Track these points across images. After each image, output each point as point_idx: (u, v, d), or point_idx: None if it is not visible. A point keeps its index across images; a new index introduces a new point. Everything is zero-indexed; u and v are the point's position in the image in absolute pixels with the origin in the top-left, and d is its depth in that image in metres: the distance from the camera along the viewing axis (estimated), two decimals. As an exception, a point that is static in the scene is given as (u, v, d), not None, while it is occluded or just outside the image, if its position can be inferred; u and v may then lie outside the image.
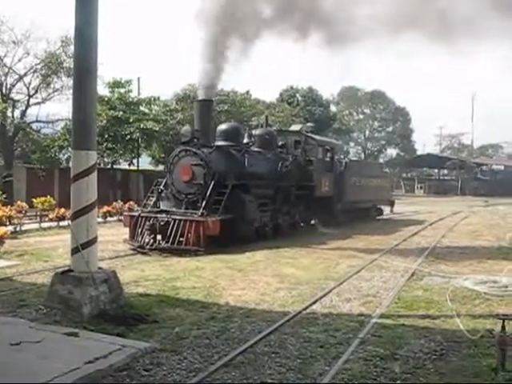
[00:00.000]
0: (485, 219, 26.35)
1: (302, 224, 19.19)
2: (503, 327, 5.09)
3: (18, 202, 20.01)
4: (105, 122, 28.40)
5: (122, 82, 31.97)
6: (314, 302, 8.02)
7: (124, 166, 35.56)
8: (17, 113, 29.39)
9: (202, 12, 14.53)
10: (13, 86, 28.76)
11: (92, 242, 7.31)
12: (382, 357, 5.66)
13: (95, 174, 7.43)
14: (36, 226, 18.04)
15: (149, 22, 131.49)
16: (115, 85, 31.71)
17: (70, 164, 7.89)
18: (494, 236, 17.79)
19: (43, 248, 13.17)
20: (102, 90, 30.51)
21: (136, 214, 14.50)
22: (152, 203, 15.13)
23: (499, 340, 5.05)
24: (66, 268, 7.60)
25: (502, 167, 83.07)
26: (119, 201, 23.15)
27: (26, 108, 29.41)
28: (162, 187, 15.23)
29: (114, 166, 33.04)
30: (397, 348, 5.95)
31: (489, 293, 8.68)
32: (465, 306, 7.92)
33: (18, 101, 29.27)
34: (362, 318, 7.18)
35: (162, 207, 14.60)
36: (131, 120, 29.47)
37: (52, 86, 29.28)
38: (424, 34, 16.71)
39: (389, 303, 8.05)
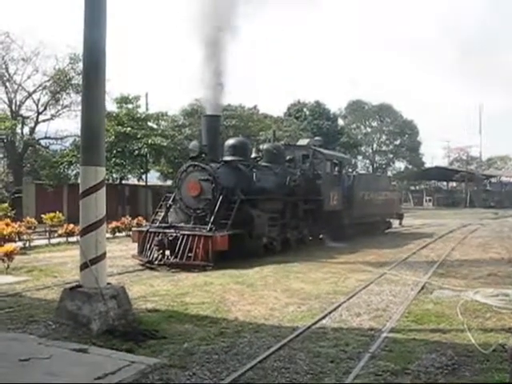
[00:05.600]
0: (495, 232, 26.19)
1: (310, 238, 19.12)
2: (515, 341, 5.03)
3: (27, 218, 20.16)
4: (113, 137, 28.60)
5: (130, 97, 32.21)
6: (324, 317, 7.96)
7: (132, 181, 35.69)
8: (26, 129, 29.80)
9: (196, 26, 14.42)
10: (22, 102, 29.15)
11: (101, 257, 7.31)
12: (393, 372, 5.60)
13: (104, 189, 7.46)
14: (45, 241, 18.09)
15: (156, 37, 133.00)
16: (123, 100, 31.93)
17: (79, 180, 7.92)
18: (504, 249, 17.66)
19: (52, 264, 13.19)
20: (110, 106, 30.79)
21: (144, 229, 14.51)
22: (160, 218, 15.15)
23: (512, 354, 4.98)
24: (75, 284, 7.61)
25: (511, 179, 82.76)
26: (128, 216, 23.18)
27: (35, 125, 29.77)
28: (170, 202, 15.26)
29: (123, 182, 33.15)
30: (408, 363, 5.89)
31: (500, 306, 8.59)
32: (476, 320, 7.84)
33: (27, 117, 29.65)
34: (372, 333, 7.12)
35: (170, 222, 14.61)
36: (139, 136, 29.62)
37: (61, 102, 29.68)
38: None
39: (399, 317, 7.98)
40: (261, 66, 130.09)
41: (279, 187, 16.95)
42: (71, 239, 17.96)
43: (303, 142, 21.97)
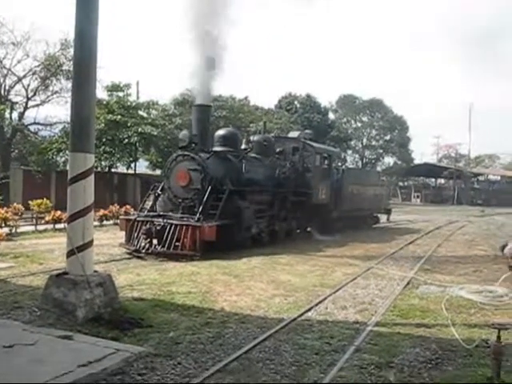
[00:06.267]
0: (481, 229, 26.38)
1: (298, 231, 19.16)
2: (498, 337, 5.08)
3: (14, 204, 19.98)
4: (103, 125, 28.39)
5: (121, 85, 31.95)
6: (310, 309, 8.00)
7: (121, 169, 35.51)
8: (15, 114, 29.47)
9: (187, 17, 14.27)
10: (11, 87, 28.83)
11: (88, 245, 7.28)
12: (377, 365, 5.64)
13: (92, 177, 7.42)
14: (32, 228, 17.98)
15: (148, 26, 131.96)
16: (114, 88, 31.67)
17: (68, 167, 7.86)
18: (489, 246, 17.79)
19: (39, 250, 13.12)
20: (101, 94, 30.49)
21: (132, 217, 14.47)
22: (148, 207, 15.11)
23: (494, 350, 5.04)
24: (61, 271, 7.57)
25: (499, 177, 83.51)
26: (116, 204, 23.08)
27: (25, 110, 29.47)
28: (158, 191, 15.22)
29: (112, 170, 32.98)
30: (392, 356, 5.93)
31: (484, 302, 8.69)
32: (460, 315, 7.92)
33: (17, 103, 29.34)
34: (358, 326, 7.17)
35: (158, 211, 14.57)
36: (129, 124, 29.41)
37: (51, 88, 29.39)
38: None
39: (384, 311, 8.04)
40: (253, 58, 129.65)
41: (268, 179, 16.95)
42: (58, 226, 17.85)
43: (293, 134, 21.96)
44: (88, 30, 7.40)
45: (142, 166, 39.75)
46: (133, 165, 34.02)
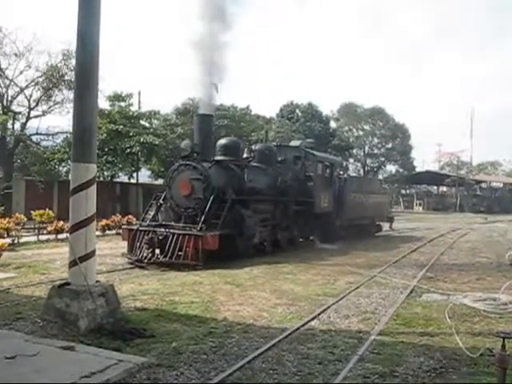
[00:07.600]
0: (484, 236, 26.32)
1: (300, 240, 19.13)
2: (503, 346, 5.04)
3: (17, 214, 20.02)
4: (105, 135, 28.48)
5: (123, 95, 32.08)
6: (313, 319, 7.96)
7: (123, 179, 35.57)
8: (17, 125, 29.57)
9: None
10: (14, 98, 28.96)
11: (90, 255, 7.27)
12: (381, 374, 5.60)
13: (94, 186, 7.41)
14: (34, 238, 17.99)
15: (150, 35, 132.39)
16: (116, 98, 31.81)
17: (70, 177, 7.87)
18: (493, 253, 17.74)
19: (41, 261, 13.11)
20: (103, 104, 30.66)
21: (135, 227, 14.46)
22: (151, 217, 15.10)
23: (499, 359, 4.99)
24: (64, 281, 7.55)
25: (501, 184, 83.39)
26: (118, 214, 23.09)
27: (27, 120, 29.58)
28: (161, 201, 15.21)
29: (114, 180, 33.02)
30: (396, 365, 5.89)
31: (488, 310, 8.64)
32: (464, 324, 7.87)
33: (19, 113, 29.44)
34: (361, 335, 7.13)
35: (160, 221, 14.57)
36: (131, 134, 29.51)
37: (53, 98, 29.49)
38: None
39: (387, 320, 7.99)
40: (254, 62, 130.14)
41: (270, 188, 16.95)
42: (60, 236, 17.85)
43: (295, 143, 21.99)
44: (90, 35, 7.39)
45: (144, 176, 39.85)
46: (135, 174, 34.09)
